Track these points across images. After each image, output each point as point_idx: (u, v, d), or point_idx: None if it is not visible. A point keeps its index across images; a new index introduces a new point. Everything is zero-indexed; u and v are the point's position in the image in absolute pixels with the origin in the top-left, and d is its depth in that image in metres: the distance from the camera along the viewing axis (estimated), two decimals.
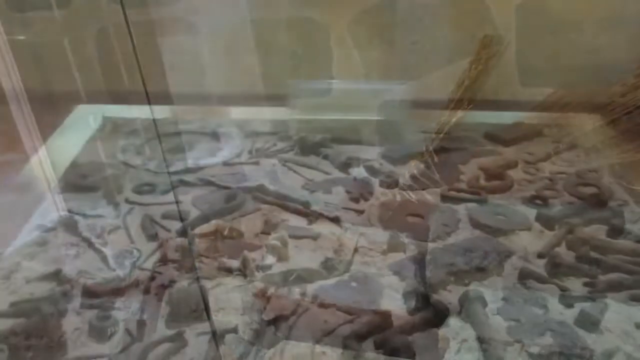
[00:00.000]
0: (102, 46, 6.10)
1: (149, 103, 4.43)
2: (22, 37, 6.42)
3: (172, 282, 2.84)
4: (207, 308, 2.63)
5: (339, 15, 5.94)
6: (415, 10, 5.91)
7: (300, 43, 6.09)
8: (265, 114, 4.69)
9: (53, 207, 3.44)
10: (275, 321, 2.61)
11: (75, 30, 6.17)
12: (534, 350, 2.49)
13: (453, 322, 2.66)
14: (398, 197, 3.54)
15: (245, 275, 2.88)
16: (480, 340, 2.54)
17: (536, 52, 5.16)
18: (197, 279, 2.86)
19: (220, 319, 2.61)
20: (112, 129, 4.40)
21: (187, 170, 3.87)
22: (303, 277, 2.86)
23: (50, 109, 4.83)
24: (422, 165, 3.93)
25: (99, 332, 2.51)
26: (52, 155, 4.12)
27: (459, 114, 4.84)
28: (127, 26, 3.56)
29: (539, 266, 3.01)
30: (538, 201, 3.58)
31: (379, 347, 2.47)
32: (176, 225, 3.31)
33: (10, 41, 6.53)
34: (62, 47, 6.17)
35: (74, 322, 2.60)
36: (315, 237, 3.24)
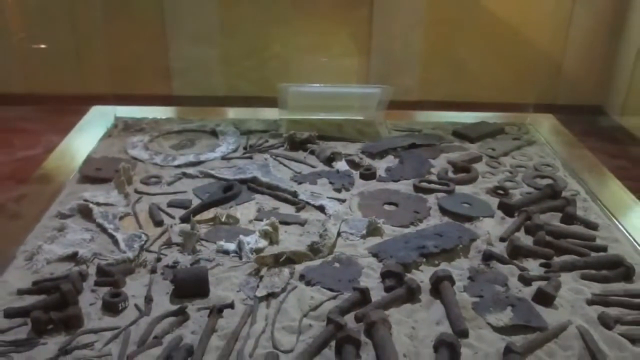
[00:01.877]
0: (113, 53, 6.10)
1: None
2: (44, 46, 6.41)
3: (175, 262, 2.83)
4: (206, 286, 2.62)
5: (323, 28, 5.95)
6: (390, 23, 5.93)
7: (290, 52, 6.10)
8: (258, 114, 4.68)
9: (71, 196, 3.43)
10: (267, 297, 2.61)
11: (92, 40, 6.17)
12: (497, 323, 2.49)
13: (424, 298, 2.66)
14: None
15: (240, 257, 2.88)
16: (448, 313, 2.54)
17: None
18: (198, 260, 2.85)
19: (219, 296, 2.60)
20: (123, 127, 4.39)
21: (189, 164, 3.85)
22: (292, 258, 2.85)
23: (69, 109, 4.82)
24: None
25: (111, 307, 2.51)
26: (70, 151, 4.11)
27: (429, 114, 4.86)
28: None
29: (501, 249, 3.02)
30: (500, 191, 3.59)
31: (359, 320, 2.47)
32: (179, 212, 3.30)
33: (36, 50, 6.52)
34: (79, 55, 6.17)
35: (89, 298, 2.59)
36: (302, 223, 3.23)
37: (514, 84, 6.22)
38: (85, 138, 4.26)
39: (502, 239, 3.11)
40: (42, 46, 6.66)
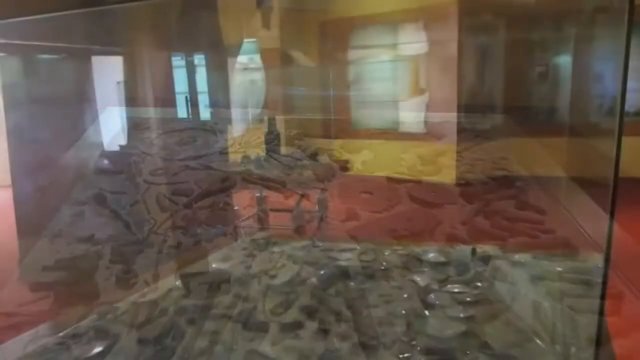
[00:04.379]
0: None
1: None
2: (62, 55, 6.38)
3: (179, 244, 2.83)
4: (206, 264, 2.63)
5: (307, 40, 5.93)
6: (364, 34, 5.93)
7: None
8: (252, 114, 4.68)
9: (88, 186, 3.43)
10: (260, 274, 2.61)
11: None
12: (462, 297, 2.52)
13: (397, 272, 2.67)
14: None
15: (236, 239, 2.88)
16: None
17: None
18: (199, 242, 2.85)
19: (217, 272, 2.61)
20: (133, 126, 4.38)
21: (191, 158, 3.85)
22: (281, 240, 2.86)
23: (85, 110, 4.81)
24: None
25: (123, 282, 2.51)
26: (86, 146, 4.10)
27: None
28: None
29: (463, 231, 3.03)
30: (462, 181, 3.59)
31: (339, 293, 2.48)
32: (183, 200, 3.30)
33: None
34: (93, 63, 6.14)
35: (104, 274, 2.59)
36: (290, 209, 3.24)
37: (475, 87, 6.24)
38: (100, 135, 4.25)
39: (464, 223, 3.12)
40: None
